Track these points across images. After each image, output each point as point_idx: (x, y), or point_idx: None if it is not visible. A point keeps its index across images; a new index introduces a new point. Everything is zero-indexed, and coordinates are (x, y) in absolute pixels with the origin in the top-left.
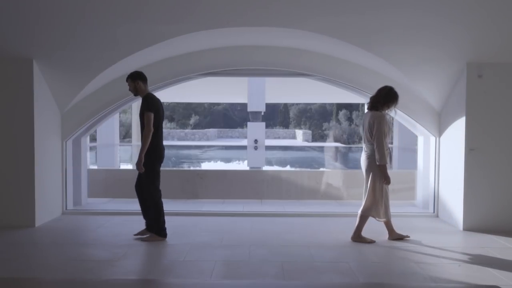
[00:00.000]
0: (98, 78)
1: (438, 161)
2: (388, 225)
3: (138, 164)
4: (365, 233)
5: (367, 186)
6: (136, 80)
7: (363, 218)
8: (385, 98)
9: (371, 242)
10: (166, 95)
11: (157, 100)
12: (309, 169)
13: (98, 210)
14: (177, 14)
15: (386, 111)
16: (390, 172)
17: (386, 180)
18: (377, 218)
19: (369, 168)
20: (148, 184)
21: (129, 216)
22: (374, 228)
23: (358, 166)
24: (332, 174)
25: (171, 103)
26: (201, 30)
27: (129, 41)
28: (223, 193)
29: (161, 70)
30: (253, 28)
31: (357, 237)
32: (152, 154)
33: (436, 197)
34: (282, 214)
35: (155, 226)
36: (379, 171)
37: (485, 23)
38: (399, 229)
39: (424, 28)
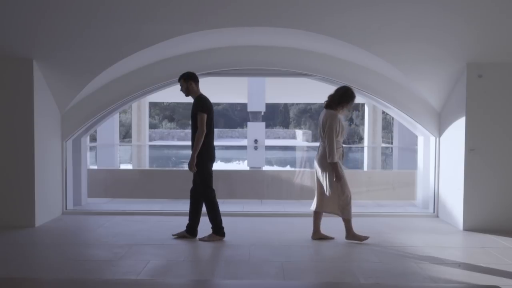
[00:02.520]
0: (98, 78)
1: (438, 161)
2: (317, 224)
3: (190, 164)
4: (362, 232)
5: (317, 182)
6: (189, 81)
7: (346, 221)
8: (341, 98)
9: (365, 238)
10: (166, 95)
11: (209, 101)
12: (309, 169)
13: (98, 210)
14: (177, 14)
15: (341, 111)
16: (390, 172)
17: (337, 177)
18: (347, 216)
19: (321, 166)
20: (202, 184)
21: (129, 216)
22: (369, 229)
23: (358, 166)
24: None
25: (171, 103)
26: (201, 30)
27: (129, 41)
28: (223, 193)
29: (161, 70)
30: (253, 28)
31: (351, 236)
32: (204, 154)
33: (436, 197)
34: (282, 214)
35: (213, 225)
36: (331, 169)
37: (486, 23)
38: (399, 229)
39: (424, 28)
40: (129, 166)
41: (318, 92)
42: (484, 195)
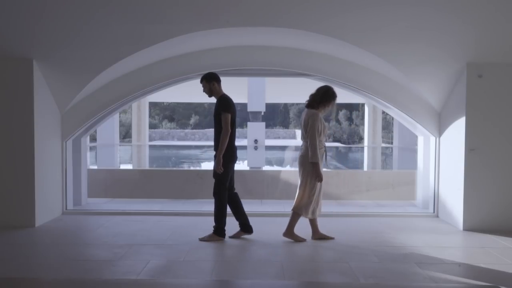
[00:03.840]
0: (98, 78)
1: (438, 161)
2: (313, 224)
3: (217, 165)
4: (362, 232)
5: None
6: (212, 82)
7: (295, 216)
8: (322, 97)
9: (302, 240)
10: (166, 95)
11: (232, 101)
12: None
13: (98, 210)
14: (177, 14)
15: (323, 110)
16: (390, 172)
17: (318, 177)
18: (303, 215)
19: (302, 165)
20: (218, 183)
21: (129, 216)
22: (369, 229)
23: (358, 166)
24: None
25: (171, 103)
26: (201, 30)
27: (129, 41)
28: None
29: (161, 70)
30: (253, 28)
31: (289, 233)
32: (226, 154)
33: (436, 197)
34: (282, 214)
35: (217, 224)
36: (311, 169)
37: (485, 23)
38: (399, 229)
39: (424, 28)
40: (129, 166)
41: None
42: (484, 195)
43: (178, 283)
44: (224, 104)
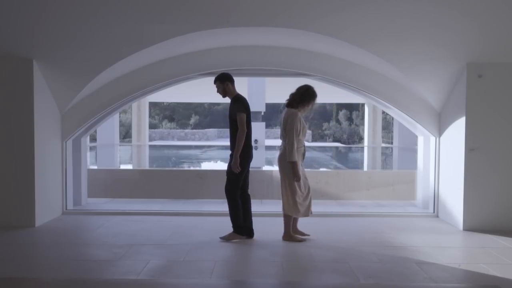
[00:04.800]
0: (98, 78)
1: (438, 161)
2: (293, 222)
3: (234, 164)
4: (362, 232)
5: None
6: (225, 82)
7: (286, 218)
8: (301, 96)
9: (302, 240)
10: (166, 95)
11: (246, 101)
12: (309, 169)
13: (98, 210)
14: (177, 14)
15: (302, 110)
16: (390, 172)
17: (296, 177)
18: (295, 215)
19: (281, 165)
20: (231, 182)
21: (129, 216)
22: (370, 229)
23: (358, 166)
24: (331, 174)
25: (171, 103)
26: (201, 30)
27: (129, 41)
28: (223, 193)
29: (161, 70)
30: (253, 28)
31: (287, 236)
32: (241, 154)
33: (436, 197)
34: (282, 214)
35: (233, 224)
36: (289, 168)
37: (486, 23)
38: (399, 229)
39: (424, 28)
40: (129, 166)
41: (318, 92)
42: (484, 195)
43: (178, 283)
44: (239, 105)
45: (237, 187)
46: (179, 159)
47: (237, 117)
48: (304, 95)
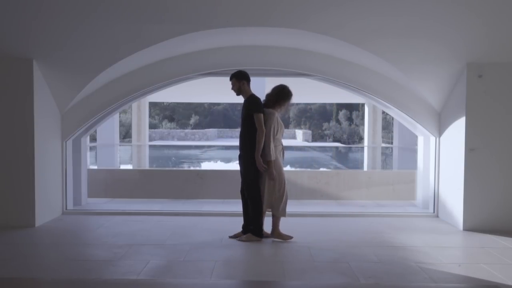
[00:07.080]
0: (98, 78)
1: (438, 161)
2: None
3: (259, 166)
4: (362, 232)
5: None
6: (242, 80)
7: (275, 218)
8: (277, 96)
9: (289, 238)
10: (166, 95)
11: (261, 100)
12: (309, 169)
13: (98, 210)
14: (177, 14)
15: (279, 109)
16: (390, 172)
17: (271, 175)
18: (282, 215)
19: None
20: (252, 184)
21: (129, 216)
22: (370, 229)
23: (358, 166)
24: (332, 174)
25: (171, 103)
26: (201, 30)
27: (129, 41)
28: (223, 193)
29: (161, 70)
30: (253, 28)
31: (276, 234)
32: (254, 154)
33: (436, 197)
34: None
35: (254, 225)
36: (268, 167)
37: (486, 23)
38: (399, 229)
39: (424, 28)
40: (129, 166)
41: (318, 92)
42: (484, 195)
43: (178, 283)
44: (256, 104)
45: (257, 187)
46: (179, 159)
47: (255, 117)
48: (279, 95)
